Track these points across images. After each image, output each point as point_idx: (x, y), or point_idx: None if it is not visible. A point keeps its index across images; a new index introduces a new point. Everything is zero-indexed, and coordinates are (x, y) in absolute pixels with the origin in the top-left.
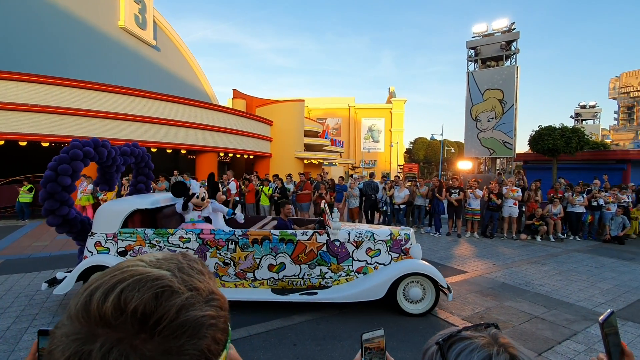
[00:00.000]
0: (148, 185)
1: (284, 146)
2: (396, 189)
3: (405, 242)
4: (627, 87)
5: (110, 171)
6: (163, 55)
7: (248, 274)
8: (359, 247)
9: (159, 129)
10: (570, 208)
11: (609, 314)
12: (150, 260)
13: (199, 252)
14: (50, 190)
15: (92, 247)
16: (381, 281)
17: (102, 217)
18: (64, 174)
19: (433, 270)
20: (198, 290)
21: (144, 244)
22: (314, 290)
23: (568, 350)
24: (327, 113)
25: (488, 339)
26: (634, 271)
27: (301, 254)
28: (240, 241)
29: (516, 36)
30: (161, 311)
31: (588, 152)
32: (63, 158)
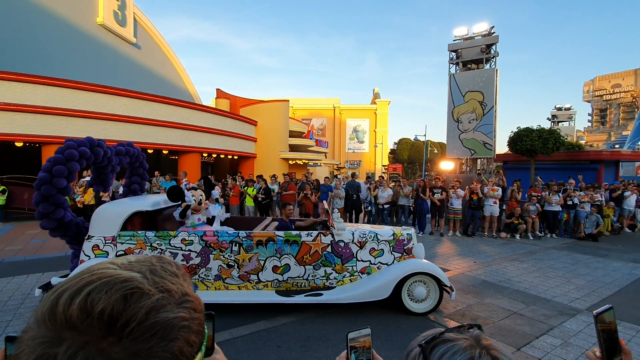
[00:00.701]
0: (142, 186)
1: (268, 147)
2: (380, 189)
3: (408, 242)
4: (600, 90)
5: (106, 171)
6: (144, 53)
7: (252, 276)
8: (362, 248)
9: (139, 129)
10: (547, 207)
11: (605, 308)
12: (121, 263)
13: (202, 255)
14: (44, 192)
15: (89, 251)
16: (386, 281)
17: (100, 220)
18: (59, 175)
19: (437, 269)
20: (170, 292)
21: (145, 247)
22: (319, 291)
23: (545, 344)
24: (312, 113)
25: (470, 341)
26: (607, 267)
27: (306, 255)
28: (244, 243)
29: (495, 40)
30: (129, 313)
31: (564, 153)
32: (58, 159)
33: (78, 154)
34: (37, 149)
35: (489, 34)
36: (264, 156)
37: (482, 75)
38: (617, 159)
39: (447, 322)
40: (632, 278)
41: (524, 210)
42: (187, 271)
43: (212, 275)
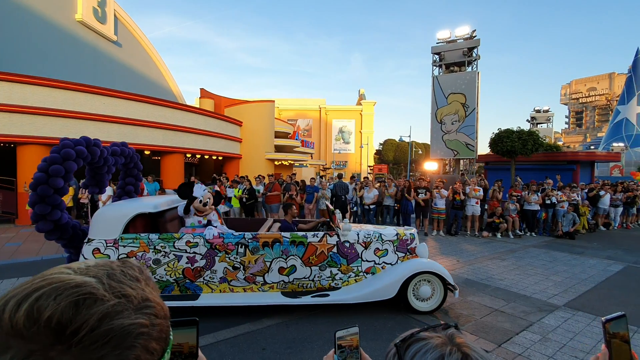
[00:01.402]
0: (137, 187)
1: (254, 147)
2: (366, 190)
3: (411, 241)
4: (577, 93)
5: (101, 172)
6: (125, 51)
7: (258, 277)
8: (367, 248)
9: (120, 129)
10: (527, 206)
11: (617, 315)
12: (77, 268)
13: (207, 257)
14: (41, 193)
15: (89, 255)
16: (393, 280)
17: (100, 222)
18: (56, 175)
19: (442, 268)
20: (128, 298)
21: (148, 249)
22: (324, 292)
23: (525, 340)
24: (298, 114)
25: (443, 339)
26: (583, 264)
27: (312, 256)
28: (250, 244)
29: (477, 43)
30: (80, 320)
31: (542, 154)
32: (55, 158)
33: (75, 153)
34: (12, 150)
35: (471, 37)
36: (249, 157)
37: (464, 77)
38: (592, 160)
39: (431, 321)
40: (607, 274)
41: (505, 210)
42: (192, 274)
43: (217, 277)
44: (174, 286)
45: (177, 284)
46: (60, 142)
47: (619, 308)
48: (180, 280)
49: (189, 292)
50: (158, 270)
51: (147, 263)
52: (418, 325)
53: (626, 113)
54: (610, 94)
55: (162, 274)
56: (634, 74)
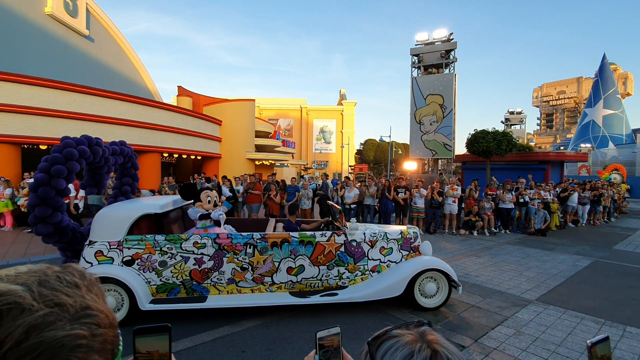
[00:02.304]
0: (134, 187)
1: (234, 147)
2: (347, 189)
3: (414, 239)
4: (547, 96)
5: (101, 172)
6: (97, 46)
7: (266, 278)
8: (373, 247)
9: (92, 127)
10: (501, 204)
11: (601, 338)
12: (6, 275)
13: (215, 258)
14: (42, 194)
15: (91, 257)
16: (400, 278)
17: (103, 224)
18: (58, 175)
19: (447, 266)
20: (63, 307)
21: (154, 251)
22: (332, 291)
23: (500, 334)
24: (279, 114)
25: (414, 336)
26: (554, 260)
27: (320, 256)
28: (259, 245)
29: (454, 46)
30: (3, 333)
31: (516, 154)
32: (57, 158)
33: (78, 153)
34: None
35: (448, 40)
36: (229, 156)
37: (442, 79)
38: (562, 160)
39: (412, 318)
40: (576, 269)
41: (481, 208)
42: (199, 275)
43: (225, 278)
44: (180, 288)
45: (184, 286)
46: (61, 142)
47: (587, 301)
48: (187, 282)
49: (196, 294)
50: (164, 273)
51: (153, 265)
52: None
53: (593, 115)
54: (578, 97)
55: (168, 276)
56: (600, 79)
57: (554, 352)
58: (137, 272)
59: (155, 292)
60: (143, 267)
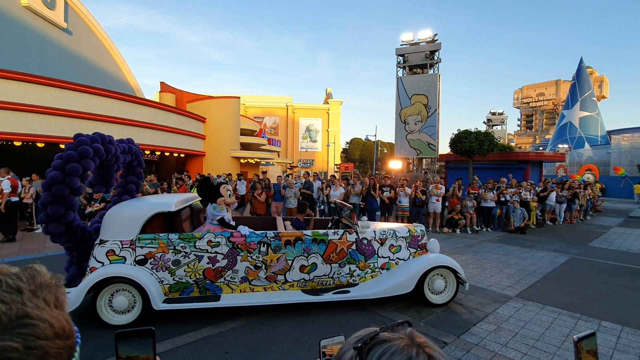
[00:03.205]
0: (138, 185)
1: (218, 145)
2: (332, 188)
3: (422, 237)
4: (527, 98)
5: (111, 171)
6: (76, 40)
7: (279, 276)
8: (383, 244)
9: (70, 123)
10: (483, 203)
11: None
12: None
13: (229, 257)
14: (56, 193)
15: (102, 257)
16: (411, 275)
17: (115, 223)
18: (73, 174)
19: (456, 263)
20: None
21: (167, 250)
22: (344, 288)
23: (481, 330)
24: (265, 112)
25: (406, 340)
26: (533, 257)
27: (332, 254)
28: (272, 243)
29: (438, 47)
30: None
31: (497, 154)
32: (71, 156)
33: (92, 151)
34: None
35: (433, 40)
36: (213, 154)
37: (427, 79)
38: (541, 160)
39: (395, 316)
40: (554, 266)
41: (464, 207)
42: (213, 274)
43: (238, 277)
44: (193, 287)
45: (197, 285)
46: (75, 139)
47: (563, 297)
48: (200, 281)
49: (209, 293)
50: (177, 272)
51: (166, 264)
52: (379, 323)
53: (570, 117)
54: (556, 99)
55: (181, 275)
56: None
57: (533, 346)
58: (150, 271)
59: (168, 292)
60: (156, 266)
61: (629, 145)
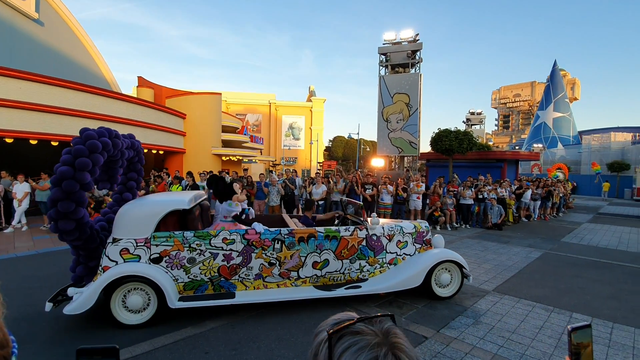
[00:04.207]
0: (139, 182)
1: (199, 141)
2: (314, 186)
3: (426, 233)
4: (504, 98)
5: (116, 166)
6: (48, 31)
7: (292, 272)
8: (391, 240)
9: (41, 118)
10: (462, 200)
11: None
12: None
13: (243, 254)
14: (67, 188)
15: (116, 256)
16: (419, 270)
17: (128, 220)
18: (83, 169)
19: (461, 257)
20: None
21: (183, 248)
22: (354, 283)
23: (460, 324)
24: (247, 109)
25: (379, 337)
26: (509, 252)
27: (344, 250)
28: (286, 240)
29: (419, 46)
30: None
31: (476, 152)
32: (80, 150)
33: (101, 145)
34: None
35: (414, 40)
36: (194, 151)
37: (408, 78)
38: (517, 159)
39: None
40: (529, 261)
41: (443, 204)
42: (228, 271)
43: (252, 274)
44: (208, 285)
45: (212, 283)
46: (82, 133)
47: (537, 290)
48: (215, 278)
49: (223, 290)
50: (192, 270)
51: (182, 262)
52: None
53: (544, 118)
54: (532, 101)
55: (196, 272)
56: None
57: (508, 339)
58: (165, 269)
59: (182, 290)
60: (171, 264)
61: (598, 145)
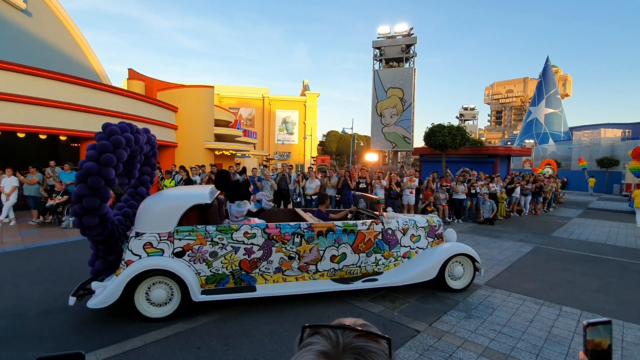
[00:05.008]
0: (152, 176)
1: (191, 135)
2: (308, 180)
3: (438, 227)
4: (497, 94)
5: (135, 161)
6: (36, 22)
7: (311, 266)
8: (405, 234)
9: (28, 110)
10: (455, 195)
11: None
12: None
13: (264, 248)
14: (92, 184)
15: (139, 250)
16: (434, 263)
17: (151, 214)
18: (108, 164)
19: (473, 251)
20: None
21: (205, 242)
22: (370, 276)
23: (452, 318)
24: (240, 103)
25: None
26: (500, 247)
27: (361, 244)
28: (306, 234)
29: (414, 41)
30: None
31: (469, 148)
32: (105, 146)
33: (125, 141)
34: None
35: (409, 34)
36: (186, 146)
37: (402, 73)
38: (509, 154)
39: (370, 306)
40: (520, 255)
41: (436, 199)
42: (249, 265)
43: (272, 268)
44: (229, 278)
45: (233, 276)
46: (105, 129)
47: (528, 284)
48: (236, 272)
49: (244, 283)
50: (214, 263)
51: (204, 256)
52: (354, 314)
53: (536, 114)
54: (524, 96)
55: (218, 266)
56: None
57: (500, 332)
58: (188, 263)
59: (204, 283)
60: (194, 258)
61: (588, 141)
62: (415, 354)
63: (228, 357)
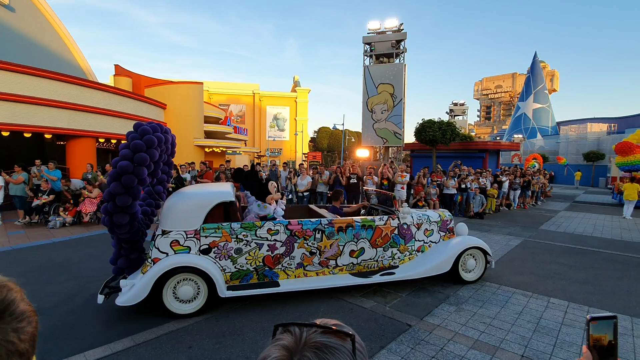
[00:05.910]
0: (169, 175)
1: (180, 133)
2: (299, 177)
3: (450, 222)
4: (486, 90)
5: (159, 161)
6: (19, 17)
7: (331, 261)
8: (419, 229)
9: (11, 108)
10: (445, 190)
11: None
12: None
13: (287, 244)
14: (126, 183)
15: (166, 247)
16: (448, 256)
17: (178, 213)
18: (141, 163)
19: (485, 244)
20: None
21: (230, 239)
22: (387, 270)
23: (443, 312)
24: (230, 99)
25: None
26: (490, 240)
27: (378, 238)
28: (326, 230)
29: (404, 36)
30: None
31: (458, 143)
32: (138, 145)
33: (157, 140)
34: None
35: (399, 30)
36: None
37: (393, 69)
38: (498, 149)
39: (361, 301)
40: (508, 248)
41: (427, 194)
42: (272, 261)
43: (294, 263)
44: (253, 274)
45: (256, 272)
46: (137, 129)
47: (517, 277)
48: (259, 268)
49: (267, 279)
50: (239, 260)
51: (229, 253)
52: (346, 310)
53: (524, 109)
54: (513, 92)
55: (243, 262)
56: (531, 75)
57: (489, 324)
58: (214, 260)
59: (229, 279)
60: (219, 255)
61: (575, 136)
62: (407, 348)
63: (220, 355)
